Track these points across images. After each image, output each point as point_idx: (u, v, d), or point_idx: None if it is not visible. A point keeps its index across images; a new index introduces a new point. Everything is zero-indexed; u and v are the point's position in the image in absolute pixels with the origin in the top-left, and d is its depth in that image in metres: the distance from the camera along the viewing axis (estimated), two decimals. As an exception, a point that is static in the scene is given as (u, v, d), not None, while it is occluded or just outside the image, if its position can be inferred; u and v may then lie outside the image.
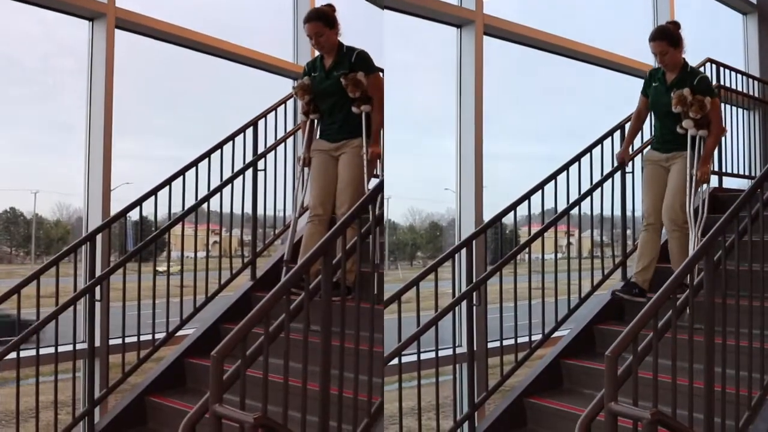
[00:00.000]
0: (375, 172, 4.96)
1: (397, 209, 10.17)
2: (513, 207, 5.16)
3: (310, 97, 4.98)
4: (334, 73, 4.85)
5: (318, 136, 5.05)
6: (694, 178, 4.94)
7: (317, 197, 4.90)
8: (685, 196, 4.92)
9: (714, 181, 6.66)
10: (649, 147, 5.33)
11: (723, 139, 6.78)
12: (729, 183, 6.82)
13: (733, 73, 7.14)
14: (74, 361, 4.71)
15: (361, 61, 4.82)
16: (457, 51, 6.12)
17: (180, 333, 5.22)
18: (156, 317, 5.10)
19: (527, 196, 5.20)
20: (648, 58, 7.74)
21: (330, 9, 4.92)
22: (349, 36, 6.53)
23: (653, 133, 5.35)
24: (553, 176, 5.31)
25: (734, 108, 7.12)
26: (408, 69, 6.96)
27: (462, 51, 6.10)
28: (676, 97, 4.92)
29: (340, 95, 4.83)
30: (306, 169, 5.06)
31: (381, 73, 5.03)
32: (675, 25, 5.08)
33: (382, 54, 6.22)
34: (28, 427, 4.57)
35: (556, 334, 5.21)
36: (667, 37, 4.95)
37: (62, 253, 4.77)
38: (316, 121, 5.05)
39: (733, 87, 7.13)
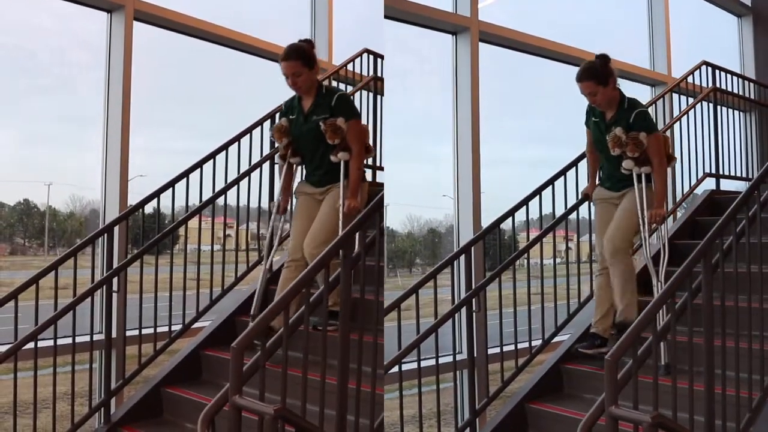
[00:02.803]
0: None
1: (396, 216, 10.18)
2: (511, 212, 5.17)
3: (289, 140, 4.66)
4: (313, 117, 4.53)
5: (303, 178, 4.77)
6: (646, 221, 4.63)
7: (298, 242, 4.58)
8: (628, 231, 4.67)
9: (711, 183, 6.69)
10: (599, 185, 4.97)
11: (720, 141, 6.83)
12: (726, 185, 6.84)
13: (728, 76, 7.18)
14: (91, 352, 4.74)
15: (341, 106, 4.51)
16: (453, 58, 6.14)
17: (196, 325, 5.22)
18: (172, 309, 5.10)
19: (525, 202, 5.20)
20: (643, 62, 7.80)
21: (309, 46, 4.57)
22: (352, 45, 6.60)
23: (602, 171, 4.94)
24: (550, 181, 5.32)
25: (730, 110, 7.14)
26: (405, 76, 6.97)
27: (458, 58, 6.13)
28: (611, 140, 4.61)
29: (321, 140, 4.53)
30: (279, 215, 4.80)
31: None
32: (603, 60, 4.63)
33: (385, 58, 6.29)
34: (44, 418, 4.57)
35: (556, 339, 5.21)
36: (593, 76, 4.57)
37: (80, 245, 4.80)
38: (295, 165, 4.77)
39: (729, 89, 7.16)
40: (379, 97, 6.46)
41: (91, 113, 5.68)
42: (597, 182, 5.02)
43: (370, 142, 6.35)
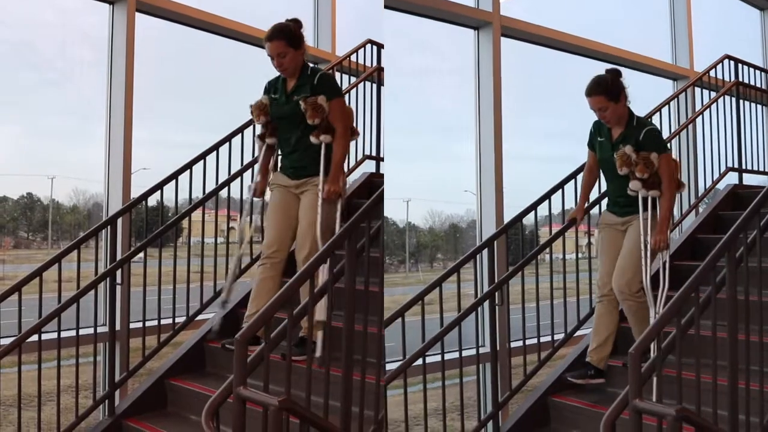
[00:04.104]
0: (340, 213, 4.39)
1: (417, 212, 10.22)
2: (533, 207, 5.18)
3: (267, 119, 4.46)
4: (294, 97, 4.33)
5: (278, 169, 4.56)
6: (648, 246, 4.40)
7: (272, 237, 4.40)
8: (639, 261, 4.41)
9: (734, 178, 6.67)
10: (604, 208, 4.78)
11: (742, 135, 6.79)
12: (749, 180, 6.81)
13: (751, 70, 7.13)
14: (95, 345, 4.73)
15: (323, 84, 4.31)
16: (474, 53, 6.15)
17: (199, 317, 5.23)
18: (176, 302, 5.11)
19: (547, 196, 5.21)
20: (665, 56, 7.77)
21: (296, 26, 4.35)
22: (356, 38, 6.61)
23: (607, 194, 4.77)
24: (572, 176, 5.32)
25: (753, 104, 7.10)
26: (426, 73, 6.99)
27: (480, 53, 6.13)
28: (619, 158, 4.39)
29: (300, 122, 4.31)
30: (256, 199, 4.61)
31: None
32: (614, 75, 4.47)
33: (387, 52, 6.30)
34: (49, 411, 4.59)
35: (579, 333, 5.22)
36: (604, 91, 4.39)
37: (83, 237, 4.81)
38: (275, 146, 4.57)
39: (752, 83, 7.12)
40: (381, 87, 6.39)
41: (94, 106, 5.70)
42: (591, 204, 4.99)
43: (374, 131, 6.40)
